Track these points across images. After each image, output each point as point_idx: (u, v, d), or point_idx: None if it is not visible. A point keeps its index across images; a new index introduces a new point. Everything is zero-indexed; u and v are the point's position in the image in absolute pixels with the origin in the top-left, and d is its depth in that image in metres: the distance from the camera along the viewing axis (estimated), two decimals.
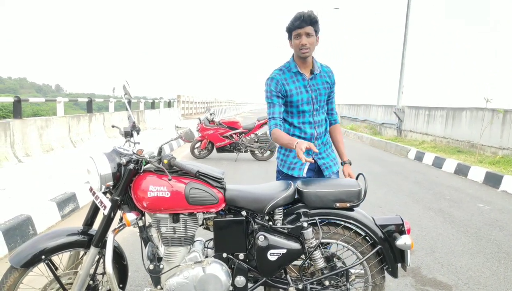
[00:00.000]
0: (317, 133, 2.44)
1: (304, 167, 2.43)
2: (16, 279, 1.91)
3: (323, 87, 2.43)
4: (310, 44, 2.28)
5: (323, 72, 2.45)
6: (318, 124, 2.44)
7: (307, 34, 2.27)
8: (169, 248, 2.05)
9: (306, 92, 2.39)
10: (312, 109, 2.41)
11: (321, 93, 2.42)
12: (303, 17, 2.24)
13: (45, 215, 3.84)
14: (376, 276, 2.18)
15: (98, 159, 1.91)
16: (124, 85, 2.14)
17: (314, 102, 2.40)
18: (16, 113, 6.71)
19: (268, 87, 2.39)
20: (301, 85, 2.39)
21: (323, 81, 2.44)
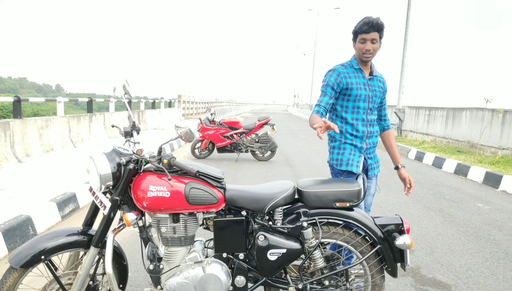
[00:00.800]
0: (369, 132, 2.49)
1: (359, 164, 2.49)
2: (16, 279, 1.91)
3: (379, 90, 2.52)
4: (374, 50, 2.38)
5: (379, 77, 2.56)
6: (371, 123, 2.51)
7: (372, 40, 2.35)
8: (169, 248, 2.05)
9: (365, 90, 2.47)
10: (367, 108, 2.48)
11: (376, 95, 2.51)
12: (372, 23, 2.31)
13: (45, 215, 3.84)
14: (375, 275, 2.18)
15: (98, 159, 1.91)
16: (124, 85, 2.13)
17: (369, 101, 2.48)
18: (16, 113, 6.70)
19: (326, 77, 2.48)
20: (361, 82, 2.46)
21: (379, 85, 2.54)
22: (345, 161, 2.49)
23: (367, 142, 2.51)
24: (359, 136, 2.48)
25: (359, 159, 2.49)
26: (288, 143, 12.13)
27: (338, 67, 2.50)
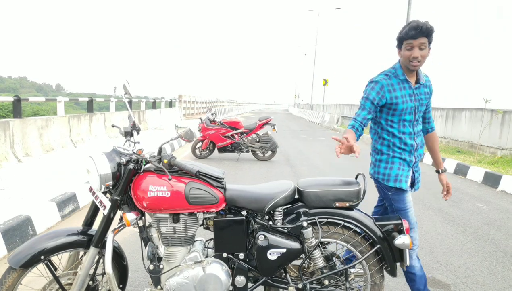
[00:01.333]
0: (417, 144, 2.33)
1: (408, 179, 2.32)
2: (15, 279, 1.90)
3: (425, 98, 2.33)
4: (422, 56, 2.16)
5: (426, 81, 2.36)
6: (418, 135, 2.35)
7: (420, 46, 2.14)
8: (169, 248, 2.05)
9: (411, 102, 2.27)
10: (413, 120, 2.30)
11: (422, 103, 2.32)
12: (421, 28, 2.10)
13: (45, 215, 3.84)
14: (375, 275, 2.19)
15: (98, 159, 1.91)
16: (124, 85, 2.13)
17: (415, 112, 2.30)
18: (16, 113, 6.70)
19: (368, 89, 2.28)
20: (407, 94, 2.26)
21: (425, 92, 2.34)
22: (393, 176, 2.31)
23: (416, 155, 2.34)
24: (407, 150, 2.31)
25: (408, 173, 2.32)
26: (289, 143, 12.13)
27: (381, 78, 2.27)
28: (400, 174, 2.31)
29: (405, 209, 2.34)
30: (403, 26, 2.21)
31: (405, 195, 2.34)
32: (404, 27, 2.17)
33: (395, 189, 2.32)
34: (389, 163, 2.33)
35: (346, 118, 22.22)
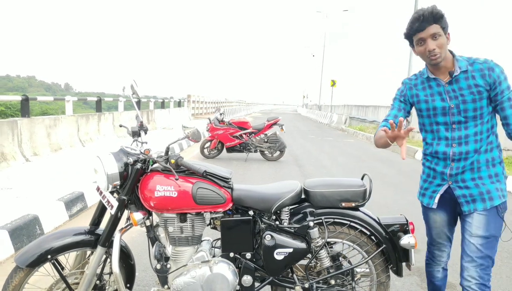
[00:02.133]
0: (454, 153, 1.89)
1: (436, 194, 1.99)
2: (22, 279, 1.91)
3: (470, 92, 1.84)
4: (440, 47, 1.80)
5: (473, 70, 1.85)
6: (459, 141, 1.88)
7: (433, 36, 1.79)
8: (176, 248, 2.05)
9: (442, 101, 1.90)
10: (450, 122, 1.90)
11: (465, 100, 1.85)
12: (423, 16, 1.78)
13: (53, 215, 3.86)
14: (381, 274, 2.19)
15: (105, 158, 1.92)
16: (132, 85, 2.14)
17: (453, 113, 1.88)
18: (24, 112, 6.76)
19: (397, 90, 2.11)
20: (435, 92, 1.92)
21: (470, 84, 1.85)
22: (419, 187, 2.10)
23: (455, 166, 1.90)
24: (440, 159, 1.95)
25: (437, 188, 1.98)
26: (297, 143, 12.11)
27: (408, 78, 2.09)
28: (425, 187, 2.05)
29: (427, 227, 2.15)
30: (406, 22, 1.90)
31: (428, 212, 2.09)
32: (408, 22, 1.88)
33: (420, 203, 2.12)
34: (423, 172, 2.09)
35: (354, 119, 22.13)
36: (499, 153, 1.94)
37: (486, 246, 1.89)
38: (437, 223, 2.07)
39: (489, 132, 1.89)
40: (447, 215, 2.03)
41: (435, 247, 2.14)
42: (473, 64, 1.86)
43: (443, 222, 2.05)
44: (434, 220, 2.07)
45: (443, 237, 2.10)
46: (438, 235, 2.11)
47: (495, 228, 1.90)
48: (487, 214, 1.88)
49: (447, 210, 2.02)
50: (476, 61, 1.86)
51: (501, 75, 1.82)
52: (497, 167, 1.91)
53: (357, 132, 16.93)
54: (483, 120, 1.87)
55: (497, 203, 1.87)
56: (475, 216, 1.89)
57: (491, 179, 1.89)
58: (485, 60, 1.86)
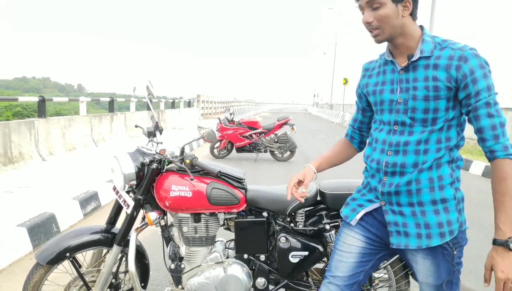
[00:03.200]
0: (387, 163, 1.42)
1: (356, 214, 1.51)
2: (42, 275, 1.95)
3: (424, 87, 1.35)
4: (379, 19, 1.35)
5: (439, 57, 1.34)
6: (395, 149, 1.41)
7: (369, 5, 1.35)
8: (191, 248, 2.05)
9: (391, 92, 1.44)
10: (393, 122, 1.43)
11: (416, 96, 1.37)
12: None
13: (68, 213, 3.92)
14: (400, 280, 2.14)
15: (122, 158, 1.93)
16: (148, 86, 2.15)
17: (398, 110, 1.41)
18: (41, 113, 6.89)
19: None
20: (387, 80, 1.46)
21: (427, 76, 1.35)
22: None
23: (387, 182, 1.42)
24: (373, 169, 1.48)
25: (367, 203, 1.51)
26: (308, 143, 12.05)
27: (367, 62, 1.63)
28: (354, 196, 1.59)
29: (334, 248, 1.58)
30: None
31: (342, 229, 1.57)
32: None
33: None
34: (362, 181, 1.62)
35: None
36: (452, 171, 1.41)
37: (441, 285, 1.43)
38: (347, 246, 1.52)
39: (441, 145, 1.38)
40: (367, 243, 1.49)
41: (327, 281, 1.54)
42: (444, 49, 1.35)
43: (357, 248, 1.50)
44: (345, 240, 1.53)
45: (345, 270, 1.50)
46: (338, 265, 1.52)
47: (448, 273, 1.41)
48: (432, 256, 1.40)
49: (370, 236, 1.49)
50: (450, 46, 1.35)
51: (478, 70, 1.29)
52: (447, 190, 1.38)
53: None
54: (434, 128, 1.37)
55: (435, 243, 1.37)
56: (419, 260, 1.43)
57: (435, 207, 1.38)
58: (462, 46, 1.34)
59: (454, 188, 1.41)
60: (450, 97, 1.35)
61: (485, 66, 1.30)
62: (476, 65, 1.29)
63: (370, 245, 1.50)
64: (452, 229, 1.38)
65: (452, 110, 1.37)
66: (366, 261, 1.51)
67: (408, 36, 1.38)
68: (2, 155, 5.56)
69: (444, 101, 1.35)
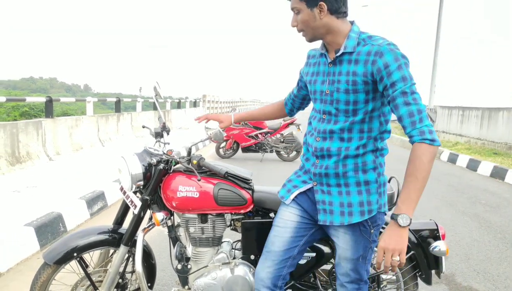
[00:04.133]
0: (317, 148, 1.58)
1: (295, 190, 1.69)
2: (49, 275, 1.95)
3: (345, 80, 1.48)
4: (301, 24, 1.51)
5: (360, 53, 1.47)
6: (323, 136, 1.57)
7: (293, 11, 1.53)
8: (197, 248, 2.04)
9: (321, 83, 1.58)
10: (322, 111, 1.59)
11: (339, 89, 1.50)
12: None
13: (75, 213, 3.93)
14: (409, 282, 2.12)
15: (130, 159, 1.93)
16: (155, 87, 2.15)
17: (325, 101, 1.56)
18: (48, 113, 6.93)
19: None
20: (320, 71, 1.60)
21: (349, 71, 1.48)
22: None
23: (319, 164, 1.59)
24: (310, 152, 1.65)
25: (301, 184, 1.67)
26: None
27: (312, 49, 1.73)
28: (291, 178, 1.75)
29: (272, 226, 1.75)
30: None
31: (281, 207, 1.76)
32: None
33: None
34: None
35: None
36: (376, 158, 1.56)
37: (356, 270, 1.61)
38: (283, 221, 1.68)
39: (364, 134, 1.51)
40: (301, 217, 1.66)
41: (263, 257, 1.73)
42: (366, 45, 1.46)
43: (292, 223, 1.66)
44: (282, 216, 1.70)
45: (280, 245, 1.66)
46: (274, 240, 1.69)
47: (364, 248, 1.58)
48: (352, 232, 1.56)
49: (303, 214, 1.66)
50: (371, 42, 1.46)
51: (393, 63, 1.39)
52: (370, 174, 1.54)
53: None
54: (355, 119, 1.50)
55: (356, 220, 1.53)
56: (341, 235, 1.58)
57: (358, 188, 1.53)
58: (382, 42, 1.45)
59: (377, 173, 1.56)
60: (369, 90, 1.47)
61: (400, 59, 1.41)
62: (391, 59, 1.40)
63: (303, 220, 1.66)
64: (372, 208, 1.54)
65: (372, 102, 1.50)
66: (300, 236, 1.67)
67: (335, 34, 1.50)
68: (10, 154, 5.60)
69: (363, 94, 1.48)
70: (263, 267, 1.70)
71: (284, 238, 1.67)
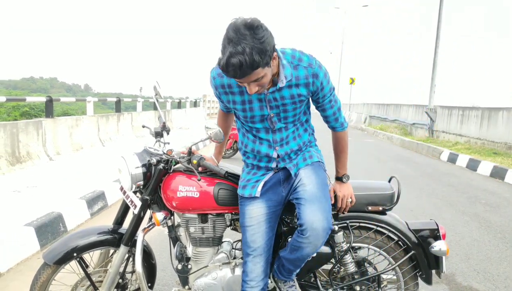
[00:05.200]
0: (279, 155, 1.86)
1: (258, 184, 1.88)
2: (49, 275, 1.95)
3: (292, 102, 1.74)
4: (263, 85, 1.59)
5: (298, 78, 1.70)
6: (281, 143, 1.85)
7: (255, 81, 1.55)
8: (198, 248, 2.04)
9: (260, 109, 1.76)
10: (270, 127, 1.82)
11: (286, 109, 1.76)
12: (242, 66, 1.44)
13: (75, 213, 3.93)
14: (409, 282, 2.12)
15: (129, 159, 1.92)
16: (155, 86, 2.15)
17: (273, 121, 1.80)
18: (48, 113, 6.92)
19: (210, 83, 1.86)
20: (254, 99, 1.74)
21: (293, 94, 1.72)
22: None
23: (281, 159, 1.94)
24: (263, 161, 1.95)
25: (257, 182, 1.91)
26: None
27: (216, 74, 1.79)
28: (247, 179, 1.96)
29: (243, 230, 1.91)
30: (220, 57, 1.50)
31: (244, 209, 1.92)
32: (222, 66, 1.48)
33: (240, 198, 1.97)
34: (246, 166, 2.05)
35: (374, 118, 21.82)
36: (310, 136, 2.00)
37: (321, 188, 1.83)
38: (255, 218, 1.83)
39: (304, 127, 1.94)
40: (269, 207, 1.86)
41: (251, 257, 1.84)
42: (297, 67, 1.68)
43: (264, 215, 1.84)
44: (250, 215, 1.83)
45: (261, 240, 1.83)
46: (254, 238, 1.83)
47: (323, 177, 1.90)
48: (311, 167, 1.90)
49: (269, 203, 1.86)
50: (301, 64, 1.68)
51: (324, 80, 1.73)
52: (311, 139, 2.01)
53: (377, 132, 16.69)
54: (301, 120, 1.89)
55: (315, 160, 1.94)
56: (302, 173, 1.86)
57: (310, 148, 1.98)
58: (309, 61, 1.69)
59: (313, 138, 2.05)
60: (307, 102, 1.86)
61: (326, 74, 1.76)
62: (323, 77, 1.73)
63: (271, 207, 1.87)
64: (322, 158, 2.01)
65: (306, 110, 1.91)
66: (274, 223, 1.89)
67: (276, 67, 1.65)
68: (10, 154, 5.60)
69: (304, 107, 1.85)
70: (255, 265, 1.84)
71: (261, 232, 1.83)
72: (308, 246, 1.76)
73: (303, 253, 1.79)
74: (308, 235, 1.72)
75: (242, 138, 1.98)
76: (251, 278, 1.83)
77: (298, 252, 1.80)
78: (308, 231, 1.72)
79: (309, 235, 1.72)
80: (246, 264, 1.85)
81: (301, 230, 1.74)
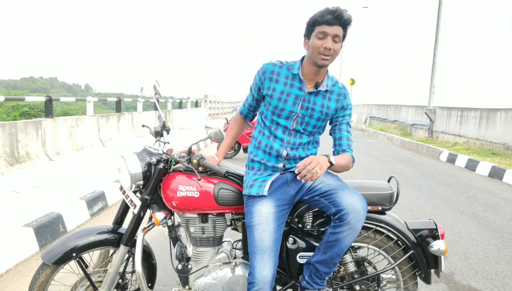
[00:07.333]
0: (288, 155, 1.93)
1: (265, 183, 1.89)
2: (48, 275, 1.94)
3: (319, 111, 1.89)
4: (335, 51, 1.78)
5: (332, 92, 1.91)
6: (292, 146, 1.93)
7: (334, 38, 1.75)
8: (198, 248, 2.04)
9: (293, 105, 1.87)
10: (291, 128, 1.91)
11: (312, 115, 1.88)
12: (338, 14, 1.70)
13: (75, 213, 3.92)
14: (408, 281, 2.13)
15: (129, 158, 1.92)
16: (155, 86, 2.15)
17: (296, 122, 1.89)
18: (48, 113, 6.91)
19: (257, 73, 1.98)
20: (293, 93, 1.87)
21: (323, 104, 1.89)
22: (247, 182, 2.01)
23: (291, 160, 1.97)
24: (272, 155, 1.95)
25: (264, 182, 1.91)
26: None
27: (271, 63, 1.94)
28: (254, 179, 1.96)
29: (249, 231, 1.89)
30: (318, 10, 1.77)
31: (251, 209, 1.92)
32: (319, 11, 1.75)
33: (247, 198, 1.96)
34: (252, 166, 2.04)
35: (374, 119, 21.83)
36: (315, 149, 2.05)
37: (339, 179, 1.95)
38: (263, 217, 1.81)
39: (315, 144, 2.02)
40: (277, 205, 1.86)
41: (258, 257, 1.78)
42: (335, 85, 1.93)
43: (272, 214, 1.83)
44: (259, 214, 1.81)
45: (270, 239, 1.79)
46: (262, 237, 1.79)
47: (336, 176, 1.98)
48: None
49: (277, 202, 1.87)
50: (337, 84, 1.94)
51: (349, 103, 1.97)
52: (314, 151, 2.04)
53: (378, 132, 16.70)
54: (316, 137, 2.00)
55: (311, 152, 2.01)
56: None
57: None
58: (342, 85, 1.96)
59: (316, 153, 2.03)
60: (326, 124, 1.99)
61: (348, 96, 1.97)
62: (348, 98, 1.96)
63: (279, 206, 1.87)
64: None
65: (321, 131, 2.01)
66: (281, 222, 1.87)
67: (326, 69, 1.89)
68: (9, 154, 5.59)
69: (324, 124, 1.97)
70: (264, 266, 1.77)
71: (269, 231, 1.81)
72: (348, 233, 1.77)
73: (342, 245, 1.80)
74: (350, 218, 1.75)
75: (257, 135, 2.00)
76: (258, 279, 1.75)
77: (336, 246, 1.80)
78: (349, 214, 1.75)
79: (351, 218, 1.75)
80: (253, 265, 1.78)
81: (341, 215, 1.76)
